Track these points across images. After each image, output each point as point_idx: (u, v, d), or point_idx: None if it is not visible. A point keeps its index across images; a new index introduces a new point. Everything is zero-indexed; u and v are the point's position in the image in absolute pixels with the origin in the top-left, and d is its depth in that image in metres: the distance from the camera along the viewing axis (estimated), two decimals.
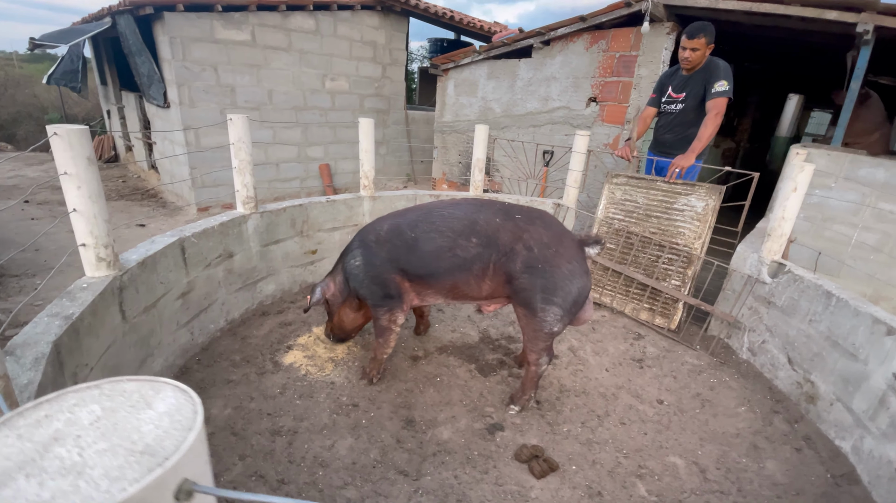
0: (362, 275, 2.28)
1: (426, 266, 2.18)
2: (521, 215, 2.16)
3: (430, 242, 2.16)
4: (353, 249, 2.34)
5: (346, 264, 2.36)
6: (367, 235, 2.31)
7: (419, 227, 2.20)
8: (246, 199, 2.79)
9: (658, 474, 2.05)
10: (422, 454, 2.04)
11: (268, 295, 3.15)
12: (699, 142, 3.14)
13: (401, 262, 2.21)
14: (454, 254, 2.14)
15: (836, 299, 2.32)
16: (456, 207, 2.24)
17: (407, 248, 2.19)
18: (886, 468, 1.90)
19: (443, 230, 2.16)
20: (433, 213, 2.23)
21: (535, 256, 2.05)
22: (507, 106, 5.54)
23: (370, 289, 2.27)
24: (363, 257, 2.27)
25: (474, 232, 2.13)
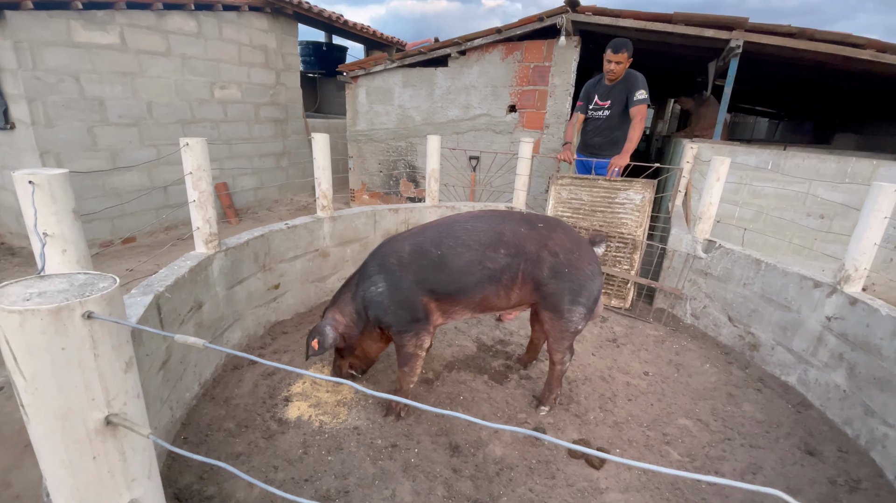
0: (387, 302, 2.12)
1: (456, 282, 2.12)
2: (542, 223, 2.24)
3: (458, 258, 2.11)
4: (372, 275, 2.15)
5: (364, 292, 2.16)
6: (386, 259, 2.15)
7: (445, 244, 2.13)
8: (209, 236, 2.35)
9: (679, 437, 2.33)
10: (486, 477, 1.99)
11: (235, 344, 2.71)
12: (630, 143, 3.60)
13: (429, 283, 2.11)
14: (484, 268, 2.12)
15: (766, 264, 2.90)
16: (479, 220, 2.21)
17: (435, 267, 2.11)
18: (835, 391, 2.45)
19: (470, 244, 2.13)
20: (455, 228, 2.18)
21: (560, 261, 2.14)
22: (427, 114, 5.58)
23: (396, 316, 2.13)
24: (387, 282, 2.11)
25: (502, 243, 2.14)
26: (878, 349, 2.22)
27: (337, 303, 2.30)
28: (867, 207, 2.32)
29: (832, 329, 2.48)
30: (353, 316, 2.24)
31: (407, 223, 3.83)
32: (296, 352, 2.83)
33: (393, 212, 3.70)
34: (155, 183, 5.24)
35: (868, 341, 2.27)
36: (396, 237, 2.25)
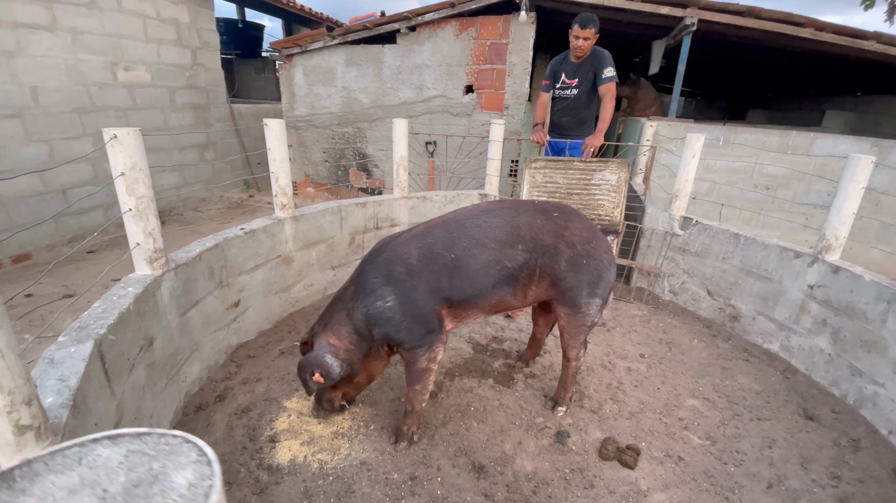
0: (398, 317, 1.82)
1: (473, 286, 1.88)
2: (556, 212, 2.05)
3: (474, 259, 1.86)
4: (376, 288, 1.83)
5: (367, 309, 1.84)
6: (391, 268, 1.84)
7: (458, 244, 1.87)
8: (153, 253, 1.87)
9: (693, 420, 2.31)
10: (522, 498, 1.81)
11: (194, 380, 2.24)
12: (603, 122, 3.52)
13: (444, 290, 1.85)
14: (502, 268, 1.90)
15: (745, 238, 2.97)
16: (491, 214, 1.97)
17: (449, 272, 1.84)
18: (820, 355, 2.57)
19: (485, 242, 1.89)
20: (467, 226, 1.92)
21: (578, 253, 1.98)
22: (376, 96, 5.15)
23: (410, 331, 1.84)
24: (397, 295, 1.81)
25: (519, 238, 1.93)
26: (863, 313, 2.33)
27: (329, 325, 1.94)
28: (846, 178, 2.41)
29: (815, 297, 2.59)
30: (351, 337, 1.91)
31: (376, 218, 3.47)
32: (271, 379, 2.42)
33: (360, 206, 3.32)
34: (50, 187, 4.32)
35: (853, 306, 2.39)
36: (396, 240, 1.94)
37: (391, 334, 1.84)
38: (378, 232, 3.54)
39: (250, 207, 6.24)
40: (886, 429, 2.16)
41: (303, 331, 2.90)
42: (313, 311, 3.15)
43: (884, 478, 1.96)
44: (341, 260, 3.38)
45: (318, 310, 3.16)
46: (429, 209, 3.68)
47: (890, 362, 2.18)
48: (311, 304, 3.24)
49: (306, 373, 1.86)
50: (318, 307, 3.21)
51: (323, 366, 1.84)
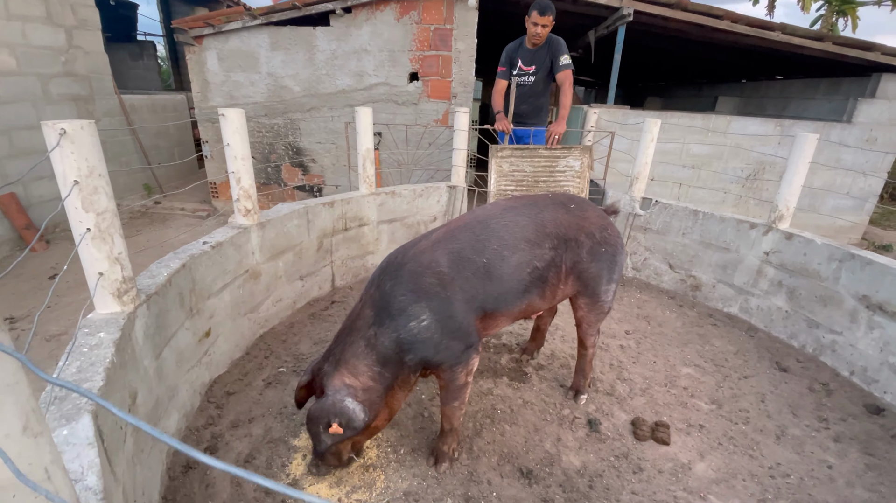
0: (438, 336, 1.60)
1: (506, 292, 1.75)
2: (573, 204, 2.00)
3: (506, 263, 1.73)
4: (406, 307, 1.57)
5: (399, 334, 1.58)
6: (420, 280, 1.61)
7: (488, 248, 1.72)
8: (122, 284, 1.45)
9: (694, 387, 2.46)
10: (581, 494, 1.76)
11: (174, 432, 1.82)
12: (564, 109, 3.57)
13: (479, 299, 1.68)
14: (533, 269, 1.80)
15: (703, 213, 3.23)
16: (516, 213, 1.85)
17: (483, 279, 1.69)
18: (777, 313, 2.90)
19: (515, 244, 1.77)
20: (493, 226, 1.77)
21: (597, 241, 1.95)
22: (309, 83, 4.67)
23: (449, 349, 1.63)
24: (434, 312, 1.58)
25: (546, 235, 1.84)
26: (817, 273, 2.66)
27: (342, 360, 1.61)
28: (794, 154, 2.71)
29: (770, 262, 2.91)
30: (372, 372, 1.60)
31: (344, 218, 3.15)
32: (267, 416, 2.06)
33: (328, 206, 2.98)
34: None
35: (806, 267, 2.71)
36: (415, 248, 1.70)
37: (429, 357, 1.61)
38: (347, 233, 3.23)
39: (160, 216, 5.35)
40: (848, 371, 2.50)
41: (280, 354, 2.54)
42: (285, 331, 2.77)
43: (859, 414, 2.27)
44: (310, 268, 3.02)
45: (290, 329, 2.79)
46: (398, 205, 3.44)
47: (846, 313, 2.51)
48: (281, 323, 2.85)
49: (320, 424, 1.53)
50: (289, 325, 2.84)
51: (343, 413, 1.51)
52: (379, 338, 1.59)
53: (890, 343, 2.28)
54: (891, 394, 2.28)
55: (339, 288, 3.35)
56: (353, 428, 1.53)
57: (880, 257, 2.42)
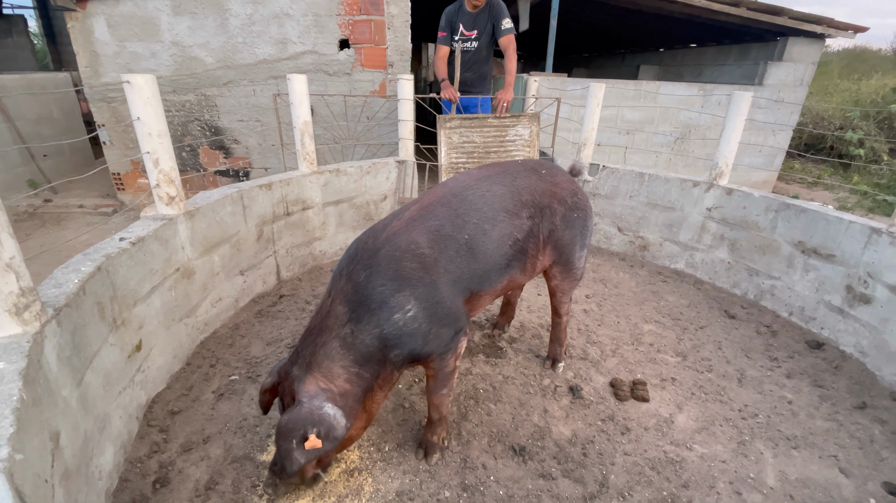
0: (426, 326, 1.44)
1: (491, 269, 1.63)
2: (544, 170, 1.91)
3: (487, 238, 1.61)
4: (389, 298, 1.39)
5: (383, 328, 1.39)
6: (401, 266, 1.42)
7: (468, 223, 1.58)
8: (20, 297, 1.11)
9: (658, 342, 2.54)
10: (576, 464, 1.73)
11: (110, 472, 1.51)
12: (510, 76, 3.47)
13: (464, 279, 1.55)
14: (514, 241, 1.70)
15: (648, 175, 3.32)
16: (491, 181, 1.72)
17: (466, 257, 1.55)
18: (720, 265, 3.08)
19: (495, 216, 1.65)
20: (471, 198, 1.63)
21: (569, 207, 1.89)
22: (223, 54, 4.12)
23: (438, 338, 1.48)
24: (418, 299, 1.41)
25: (523, 204, 1.74)
26: (755, 224, 2.84)
27: (313, 363, 1.39)
28: (731, 112, 2.84)
29: (713, 217, 3.06)
30: (349, 374, 1.40)
31: (285, 202, 2.83)
32: (225, 433, 1.79)
33: (265, 189, 2.65)
34: None
35: (746, 219, 2.89)
36: (387, 231, 1.49)
37: (418, 350, 1.45)
38: (289, 219, 2.91)
39: (53, 216, 4.55)
40: (787, 313, 2.72)
41: (229, 361, 2.24)
42: (230, 334, 2.45)
43: (803, 350, 2.47)
44: (250, 261, 2.68)
45: (235, 331, 2.48)
46: (344, 184, 3.16)
47: (783, 259, 2.71)
48: (224, 325, 2.52)
49: (293, 438, 1.30)
50: (233, 327, 2.51)
51: (323, 421, 1.30)
52: (358, 336, 1.39)
53: (825, 283, 2.50)
54: (828, 329, 2.50)
55: (286, 280, 3.04)
56: (333, 438, 1.31)
57: (813, 204, 2.63)
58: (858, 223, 2.32)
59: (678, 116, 4.77)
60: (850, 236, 2.34)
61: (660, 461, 1.75)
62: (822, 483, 1.68)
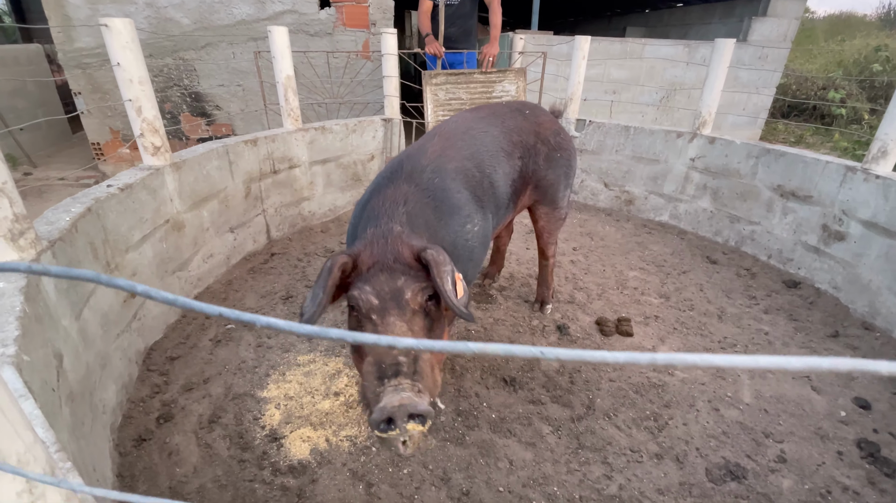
0: (478, 244, 1.48)
1: (500, 206, 1.70)
2: (528, 110, 1.95)
3: (496, 175, 1.67)
4: (461, 207, 1.38)
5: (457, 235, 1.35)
6: (448, 184, 1.40)
7: (484, 162, 1.63)
8: (15, 223, 1.12)
9: (643, 287, 2.62)
10: (564, 390, 1.82)
11: (114, 408, 1.55)
12: (496, 29, 3.43)
13: (488, 207, 1.60)
14: (512, 181, 1.77)
15: (634, 129, 3.35)
16: (487, 122, 1.78)
17: (489, 189, 1.61)
18: (703, 214, 3.15)
19: (497, 155, 1.70)
20: (477, 137, 1.69)
21: (552, 147, 1.92)
22: (200, 14, 3.99)
23: (479, 259, 1.55)
24: (482, 220, 1.51)
25: (514, 144, 1.79)
26: (736, 171, 2.91)
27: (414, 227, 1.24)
28: (714, 60, 2.86)
29: (696, 167, 3.12)
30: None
31: (271, 159, 2.81)
32: (225, 374, 1.84)
33: (250, 144, 2.63)
34: None
35: (728, 167, 2.95)
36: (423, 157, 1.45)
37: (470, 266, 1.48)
38: (276, 177, 2.89)
39: (34, 190, 4.44)
40: (766, 256, 2.82)
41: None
42: (224, 289, 2.47)
43: (780, 289, 2.58)
44: (240, 218, 2.68)
45: (229, 287, 2.50)
46: (330, 143, 3.14)
47: (762, 204, 2.79)
48: (217, 281, 2.53)
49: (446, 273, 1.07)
50: (226, 283, 2.53)
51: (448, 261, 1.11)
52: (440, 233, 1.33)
53: (802, 224, 2.59)
54: (805, 269, 2.60)
55: (277, 240, 3.05)
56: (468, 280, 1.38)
57: (791, 149, 2.69)
58: (834, 163, 2.39)
59: (664, 74, 4.77)
60: (827, 176, 2.42)
61: (643, 385, 1.85)
62: (795, 399, 1.79)
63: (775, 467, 1.49)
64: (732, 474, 1.46)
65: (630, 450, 1.56)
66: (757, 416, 1.70)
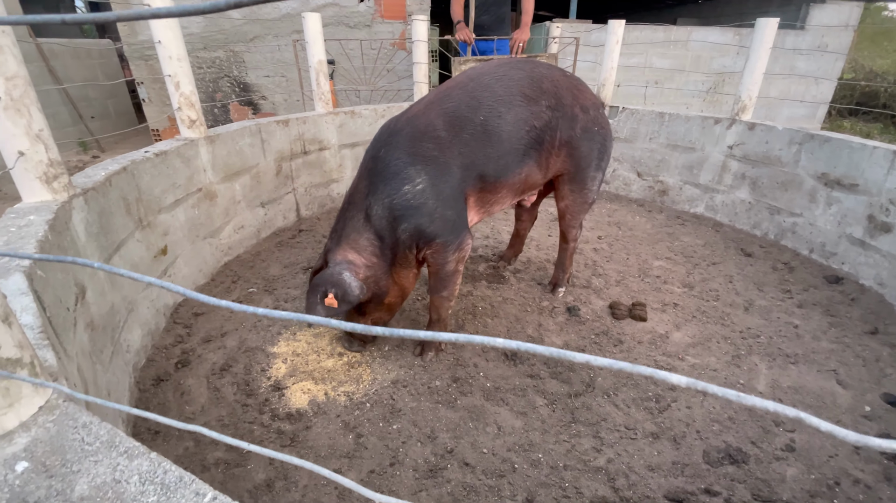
0: (432, 202, 1.51)
1: (506, 155, 1.63)
2: (568, 73, 1.87)
3: (503, 120, 1.60)
4: (400, 171, 1.49)
5: (392, 200, 1.50)
6: (415, 144, 1.51)
7: (483, 104, 1.59)
8: (49, 167, 1.27)
9: (665, 275, 2.52)
10: (564, 367, 1.78)
11: (138, 349, 1.70)
12: (527, 15, 3.41)
13: (479, 165, 1.59)
14: (531, 128, 1.67)
15: (669, 115, 3.22)
16: (510, 66, 1.71)
17: (481, 140, 1.58)
18: (741, 205, 2.98)
19: (510, 99, 1.62)
20: (486, 81, 1.64)
21: (591, 118, 1.83)
22: (249, 8, 4.26)
23: (443, 220, 1.55)
24: (429, 175, 1.49)
25: (542, 91, 1.69)
26: (777, 159, 2.72)
27: (343, 236, 1.57)
28: (756, 42, 2.69)
29: (734, 155, 2.95)
30: (374, 246, 1.56)
31: (302, 140, 2.95)
32: (241, 330, 1.97)
33: (282, 125, 2.78)
34: None
35: (768, 155, 2.77)
36: (408, 114, 1.59)
37: (423, 226, 1.53)
38: (307, 157, 3.04)
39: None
40: (807, 250, 2.62)
41: (249, 278, 2.42)
42: (252, 259, 2.63)
43: (820, 284, 2.39)
44: (270, 194, 2.84)
45: (256, 257, 2.65)
46: (359, 127, 3.25)
47: (805, 194, 2.60)
48: (246, 251, 2.70)
49: (317, 294, 1.49)
50: (255, 254, 2.69)
51: (339, 284, 1.48)
52: (374, 208, 1.53)
53: (847, 215, 2.39)
54: (848, 264, 2.40)
55: (306, 218, 3.20)
56: (347, 301, 1.50)
57: (837, 134, 2.49)
58: (882, 148, 2.19)
59: (711, 63, 4.53)
60: (874, 163, 2.22)
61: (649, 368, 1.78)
62: (816, 391, 1.67)
63: (781, 455, 1.40)
64: (732, 458, 1.39)
65: (625, 427, 1.52)
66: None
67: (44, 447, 0.51)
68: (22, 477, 0.47)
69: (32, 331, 0.72)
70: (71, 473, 0.48)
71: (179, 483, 0.48)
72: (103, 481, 0.47)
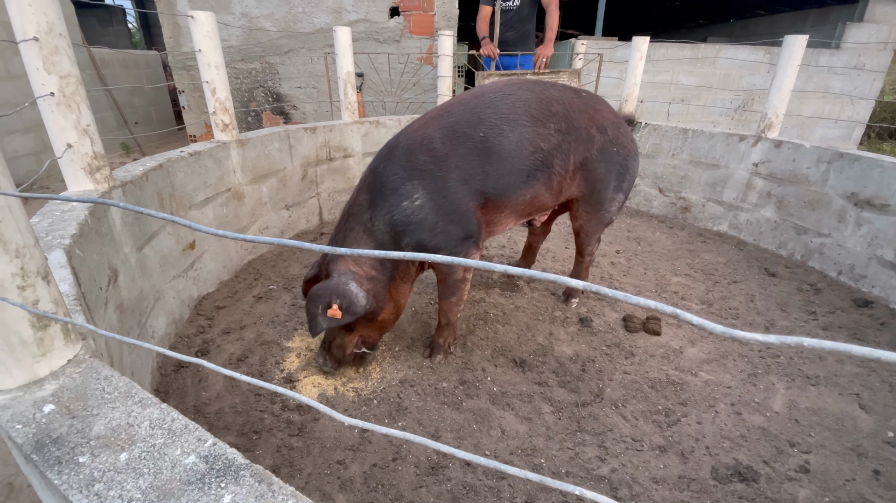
0: (433, 218, 1.53)
1: (507, 174, 1.63)
2: (584, 93, 1.87)
3: (505, 139, 1.61)
4: (398, 187, 1.52)
5: (392, 215, 1.53)
6: (413, 158, 1.54)
7: (485, 121, 1.61)
8: (93, 160, 1.38)
9: (683, 291, 2.47)
10: (574, 377, 1.77)
11: (162, 336, 1.79)
12: (552, 31, 3.47)
13: (477, 180, 1.60)
14: (536, 149, 1.66)
15: (692, 132, 3.20)
16: (518, 86, 1.72)
17: (480, 156, 1.58)
18: (766, 224, 2.91)
19: (515, 118, 1.63)
20: (491, 99, 1.65)
21: (609, 139, 1.81)
22: (285, 23, 4.48)
23: (445, 234, 1.57)
24: (427, 190, 1.52)
25: (551, 115, 1.68)
26: (805, 178, 2.66)
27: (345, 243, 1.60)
28: (783, 58, 2.66)
29: (759, 173, 2.90)
30: (374, 260, 1.57)
31: (328, 146, 3.07)
32: (259, 324, 2.04)
33: (309, 132, 2.90)
34: None
35: (795, 174, 2.71)
36: (408, 129, 1.64)
37: (425, 241, 1.55)
38: (331, 164, 3.15)
39: None
40: (835, 272, 2.54)
41: (270, 276, 2.51)
42: (274, 258, 2.73)
43: (847, 307, 2.30)
44: (295, 198, 2.95)
45: (279, 257, 2.75)
46: (383, 136, 3.36)
47: (833, 214, 2.53)
48: (270, 251, 2.80)
49: (319, 305, 1.46)
50: (278, 253, 2.79)
51: (345, 295, 1.46)
52: (375, 222, 1.55)
53: (878, 237, 2.31)
54: (879, 287, 2.31)
55: (328, 222, 3.30)
56: (353, 312, 1.48)
57: (867, 153, 2.42)
58: None
59: (740, 81, 4.48)
60: None
61: (660, 381, 1.76)
62: (836, 414, 1.60)
63: (794, 476, 1.35)
64: (742, 476, 1.35)
65: (632, 438, 1.50)
66: (784, 425, 1.55)
67: (69, 394, 0.57)
68: (48, 416, 0.53)
69: (68, 297, 0.80)
70: (90, 416, 0.53)
71: (185, 430, 0.52)
72: (118, 424, 0.52)
